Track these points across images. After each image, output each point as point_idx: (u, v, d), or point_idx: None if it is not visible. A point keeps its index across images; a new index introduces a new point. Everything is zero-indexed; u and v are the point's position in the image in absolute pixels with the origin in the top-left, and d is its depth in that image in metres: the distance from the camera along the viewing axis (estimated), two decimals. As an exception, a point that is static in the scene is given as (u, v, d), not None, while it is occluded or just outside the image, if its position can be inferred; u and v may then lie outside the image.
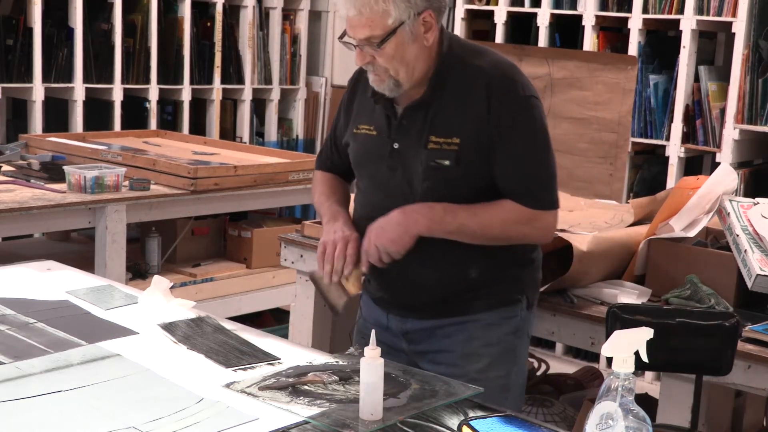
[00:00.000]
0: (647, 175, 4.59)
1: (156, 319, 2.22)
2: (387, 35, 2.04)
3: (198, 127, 5.71)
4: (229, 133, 5.86)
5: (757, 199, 2.81)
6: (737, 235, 2.64)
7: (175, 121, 5.61)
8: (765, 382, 2.36)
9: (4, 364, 1.89)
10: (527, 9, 4.81)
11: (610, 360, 1.37)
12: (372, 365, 1.66)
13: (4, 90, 4.89)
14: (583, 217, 3.10)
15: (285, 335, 3.35)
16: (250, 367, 1.94)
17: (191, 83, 5.59)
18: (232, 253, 4.61)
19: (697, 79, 4.36)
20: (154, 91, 5.43)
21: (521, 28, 4.89)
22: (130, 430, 1.61)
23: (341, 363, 1.96)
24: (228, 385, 1.83)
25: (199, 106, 5.73)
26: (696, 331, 2.35)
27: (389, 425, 1.66)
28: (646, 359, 1.41)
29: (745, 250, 2.59)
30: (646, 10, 4.42)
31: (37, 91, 4.94)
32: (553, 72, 3.62)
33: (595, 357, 4.52)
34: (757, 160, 4.50)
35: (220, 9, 5.65)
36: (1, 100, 5.02)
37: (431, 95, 2.14)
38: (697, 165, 4.58)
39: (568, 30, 4.73)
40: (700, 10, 4.28)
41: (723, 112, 4.27)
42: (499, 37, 4.85)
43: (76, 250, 4.44)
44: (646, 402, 2.76)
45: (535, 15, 4.76)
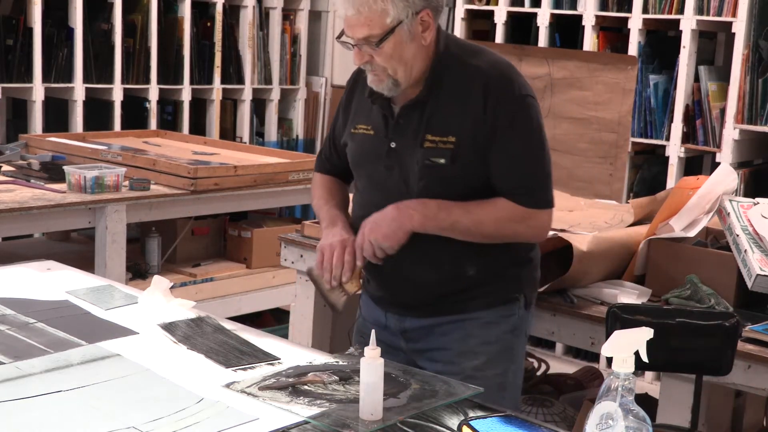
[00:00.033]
0: (647, 175, 4.59)
1: (156, 319, 2.22)
2: (385, 34, 2.05)
3: (198, 127, 5.71)
4: (229, 133, 5.86)
5: (757, 199, 2.81)
6: (737, 235, 2.64)
7: (175, 121, 5.61)
8: (765, 382, 2.36)
9: (4, 364, 1.89)
10: (527, 9, 4.81)
11: (610, 360, 1.37)
12: (372, 365, 1.66)
13: (4, 90, 4.90)
14: (583, 217, 3.10)
15: (285, 335, 3.35)
16: (250, 367, 1.94)
17: (191, 83, 5.59)
18: (232, 253, 4.61)
19: (697, 79, 4.36)
20: (154, 91, 5.43)
21: (521, 28, 4.89)
22: (130, 430, 1.61)
23: (341, 363, 1.96)
24: (228, 385, 1.83)
25: (199, 106, 5.73)
26: (696, 331, 2.35)
27: (389, 425, 1.66)
28: (646, 359, 1.41)
29: (745, 250, 2.59)
30: (646, 10, 4.42)
31: (37, 91, 4.95)
32: (553, 72, 3.62)
33: (595, 357, 4.52)
34: (757, 160, 4.50)
35: (220, 9, 5.65)
36: (1, 100, 5.02)
37: (428, 94, 2.14)
38: (697, 165, 4.58)
39: (568, 30, 4.73)
40: (700, 10, 4.28)
41: (723, 112, 4.27)
42: (499, 37, 4.85)
43: (76, 250, 4.44)
44: (646, 402, 2.76)
45: (535, 15, 4.76)
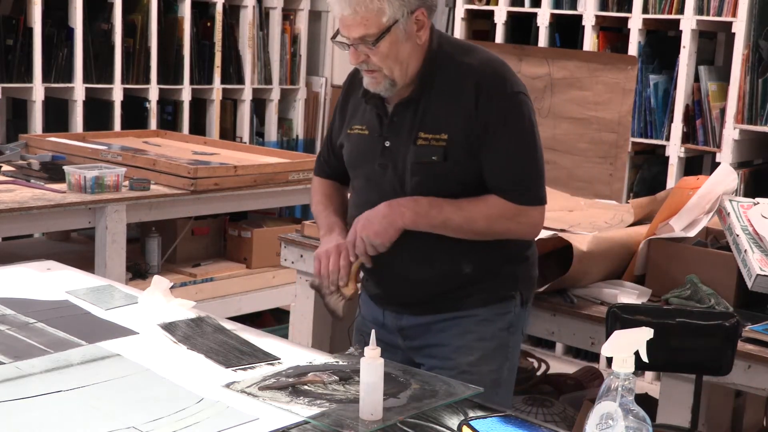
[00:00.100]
0: (647, 175, 4.59)
1: (156, 319, 2.22)
2: (382, 33, 2.06)
3: (198, 127, 5.71)
4: (229, 133, 5.86)
5: (757, 199, 2.81)
6: (737, 235, 2.64)
7: (175, 121, 5.62)
8: (765, 382, 2.36)
9: (4, 364, 1.89)
10: (527, 9, 4.81)
11: (610, 360, 1.37)
12: (372, 365, 1.66)
13: (4, 90, 4.90)
14: (583, 217, 3.11)
15: (285, 335, 3.35)
16: (250, 367, 1.94)
17: (191, 83, 5.59)
18: (232, 253, 4.61)
19: (697, 79, 4.36)
20: (154, 91, 5.43)
21: (521, 28, 4.89)
22: (130, 430, 1.61)
23: (341, 363, 1.96)
24: (228, 385, 1.83)
25: (199, 106, 5.73)
26: (696, 331, 2.35)
27: (389, 425, 1.66)
28: (646, 359, 1.41)
29: (745, 250, 2.59)
30: (646, 10, 4.42)
31: (37, 91, 4.95)
32: (553, 72, 3.62)
33: (595, 357, 4.52)
34: (757, 160, 4.50)
35: (220, 9, 5.65)
36: (1, 100, 5.02)
37: (421, 92, 2.16)
38: (697, 165, 4.58)
39: (568, 30, 4.73)
40: (700, 10, 4.28)
41: (723, 112, 4.27)
42: (499, 37, 4.85)
43: (76, 250, 4.44)
44: (646, 402, 2.76)
45: (535, 15, 4.76)
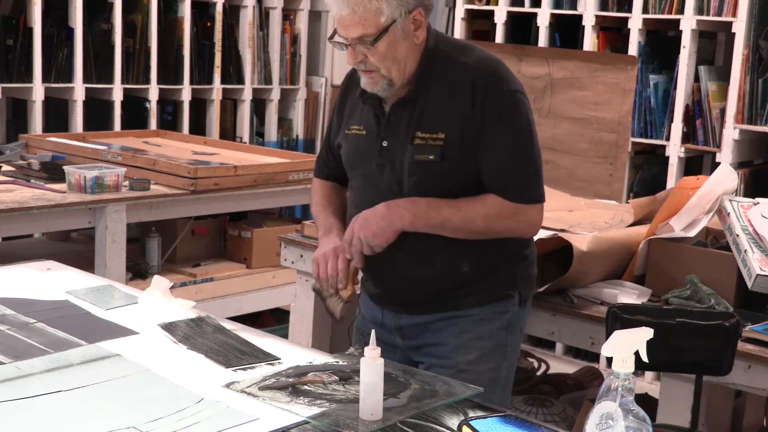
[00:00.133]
0: (647, 175, 4.59)
1: (156, 319, 2.22)
2: (380, 33, 2.06)
3: (198, 127, 5.71)
4: (229, 133, 5.86)
5: (757, 199, 2.81)
6: (737, 235, 2.64)
7: (175, 121, 5.61)
8: (765, 382, 2.36)
9: (4, 364, 1.89)
10: (527, 9, 4.81)
11: (610, 360, 1.37)
12: (372, 365, 1.66)
13: (4, 90, 4.90)
14: (583, 217, 3.11)
15: (285, 335, 3.35)
16: (250, 367, 1.94)
17: (191, 83, 5.59)
18: (232, 253, 4.61)
19: (697, 79, 4.36)
20: (154, 91, 5.43)
21: (521, 28, 4.89)
22: (130, 430, 1.61)
23: (341, 363, 1.96)
24: (228, 385, 1.83)
25: (199, 106, 5.73)
26: (696, 331, 2.35)
27: (389, 425, 1.66)
28: (646, 359, 1.41)
29: (745, 250, 2.59)
30: (646, 10, 4.42)
31: (37, 91, 4.95)
32: (553, 72, 3.62)
33: (595, 357, 4.52)
34: (757, 160, 4.50)
35: (220, 9, 5.65)
36: (1, 100, 5.02)
37: (417, 92, 2.16)
38: (697, 165, 4.58)
39: (568, 30, 4.73)
40: (700, 10, 4.28)
41: (723, 112, 4.27)
42: (499, 37, 4.85)
43: (76, 250, 4.44)
44: (646, 402, 2.76)
45: (535, 15, 4.76)
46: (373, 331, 1.72)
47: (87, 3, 5.06)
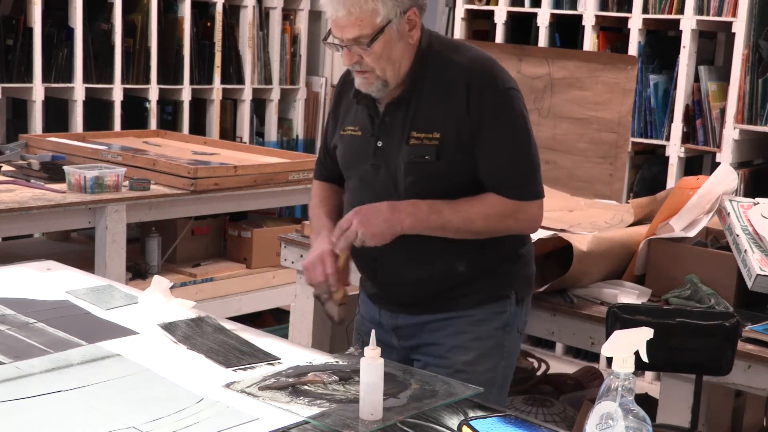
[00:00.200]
0: (647, 175, 4.59)
1: (156, 319, 2.22)
2: (376, 34, 2.06)
3: (198, 127, 5.71)
4: (229, 133, 5.86)
5: (757, 199, 2.81)
6: (737, 235, 2.64)
7: (175, 121, 5.61)
8: (765, 382, 2.36)
9: (4, 364, 1.89)
10: (527, 9, 4.81)
11: (610, 360, 1.37)
12: (372, 365, 1.66)
13: (4, 90, 4.89)
14: (583, 217, 3.11)
15: (285, 335, 3.35)
16: (250, 367, 1.94)
17: (191, 83, 5.59)
18: (232, 253, 4.62)
19: (697, 79, 4.36)
20: (154, 91, 5.43)
21: (521, 28, 4.89)
22: (130, 430, 1.61)
23: (341, 363, 1.96)
24: (228, 385, 1.83)
25: (199, 106, 5.73)
26: (696, 331, 2.35)
27: (389, 425, 1.66)
28: (646, 359, 1.41)
29: (745, 250, 2.59)
30: (646, 10, 4.42)
31: (37, 91, 4.95)
32: (553, 72, 3.62)
33: (595, 357, 4.52)
34: (757, 160, 4.50)
35: (220, 9, 5.65)
36: (1, 100, 5.02)
37: (411, 91, 2.16)
38: (697, 165, 4.58)
39: (568, 30, 4.73)
40: (700, 10, 4.28)
41: (723, 112, 4.27)
42: (499, 37, 4.85)
43: (76, 250, 4.44)
44: (646, 402, 2.76)
45: (535, 15, 4.76)
46: (373, 331, 1.72)
47: (87, 3, 5.06)
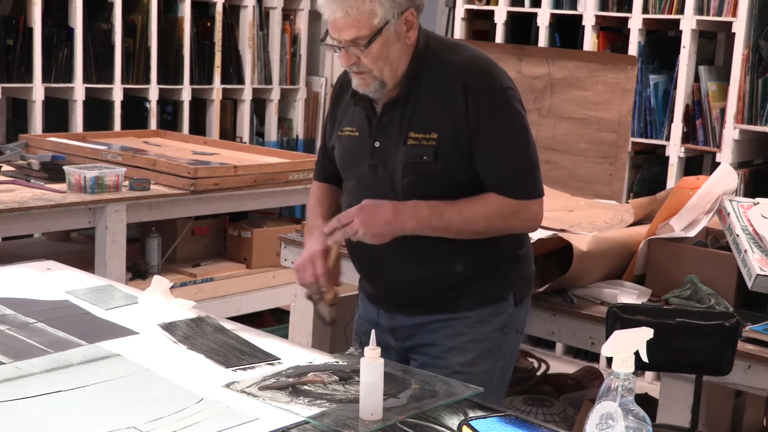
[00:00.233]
0: (647, 175, 4.59)
1: (156, 319, 2.22)
2: (373, 35, 2.06)
3: (198, 127, 5.71)
4: (229, 133, 5.86)
5: (757, 199, 2.81)
6: (737, 235, 2.64)
7: (175, 121, 5.61)
8: (765, 382, 2.36)
9: (4, 364, 1.89)
10: (527, 9, 4.81)
11: (610, 360, 1.37)
12: (372, 365, 1.66)
13: (4, 90, 4.89)
14: (583, 217, 3.11)
15: (285, 335, 3.36)
16: (250, 367, 1.94)
17: (191, 83, 5.59)
18: (232, 253, 4.62)
19: (697, 79, 4.36)
20: (154, 91, 5.43)
21: (521, 28, 4.89)
22: (130, 430, 1.61)
23: (341, 363, 1.96)
24: (228, 385, 1.83)
25: (199, 106, 5.73)
26: (696, 331, 2.35)
27: (389, 425, 1.66)
28: (646, 359, 1.41)
29: (745, 250, 2.59)
30: (646, 10, 4.42)
31: (37, 91, 4.94)
32: (553, 72, 3.62)
33: (595, 357, 4.52)
34: (757, 160, 4.50)
35: (220, 9, 5.65)
36: (1, 100, 5.02)
37: (409, 92, 2.16)
38: (697, 165, 4.58)
39: (568, 30, 4.73)
40: (700, 10, 4.28)
41: (723, 112, 4.27)
42: (499, 37, 4.85)
43: (76, 250, 4.44)
44: (646, 402, 2.76)
45: (535, 15, 4.76)
46: (373, 331, 1.72)
47: (87, 3, 5.06)
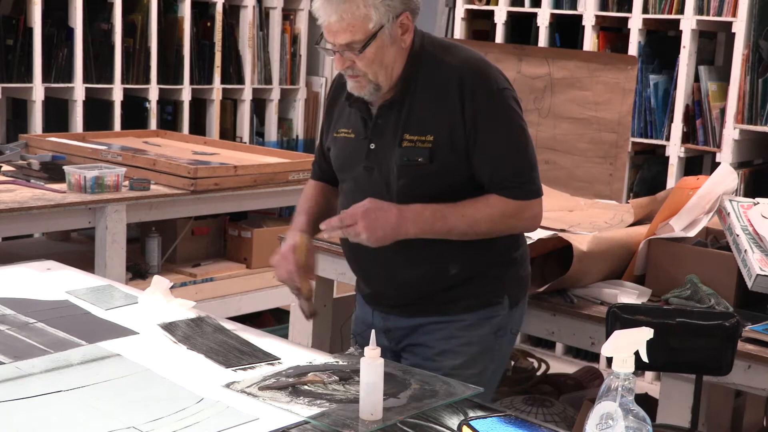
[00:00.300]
0: (647, 175, 4.59)
1: (156, 319, 2.22)
2: (368, 39, 2.06)
3: (198, 127, 5.71)
4: (229, 133, 5.86)
5: (757, 199, 2.81)
6: (737, 235, 2.64)
7: (175, 121, 5.61)
8: (765, 382, 2.36)
9: (4, 364, 1.89)
10: (527, 9, 4.81)
11: (610, 360, 1.37)
12: (372, 365, 1.66)
13: (4, 90, 4.90)
14: (583, 217, 3.11)
15: (285, 335, 3.36)
16: (250, 367, 1.94)
17: (191, 83, 5.59)
18: (232, 253, 4.62)
19: (697, 79, 4.36)
20: (154, 91, 5.43)
21: (521, 28, 4.89)
22: (130, 430, 1.61)
23: (341, 363, 1.96)
24: (228, 385, 1.83)
25: (199, 106, 5.73)
26: (696, 331, 2.35)
27: (389, 425, 1.66)
28: (646, 359, 1.41)
29: (745, 250, 2.59)
30: (646, 10, 4.42)
31: (37, 91, 4.95)
32: (553, 72, 3.62)
33: (595, 357, 4.52)
34: (757, 160, 4.50)
35: (220, 9, 5.65)
36: (1, 100, 5.02)
37: (404, 93, 2.15)
38: (697, 165, 4.58)
39: (568, 30, 4.73)
40: (700, 10, 4.28)
41: (723, 112, 4.27)
42: (499, 37, 4.85)
43: (76, 250, 4.44)
44: (646, 402, 2.76)
45: (535, 15, 4.76)
46: (372, 331, 1.72)
47: (87, 3, 5.06)
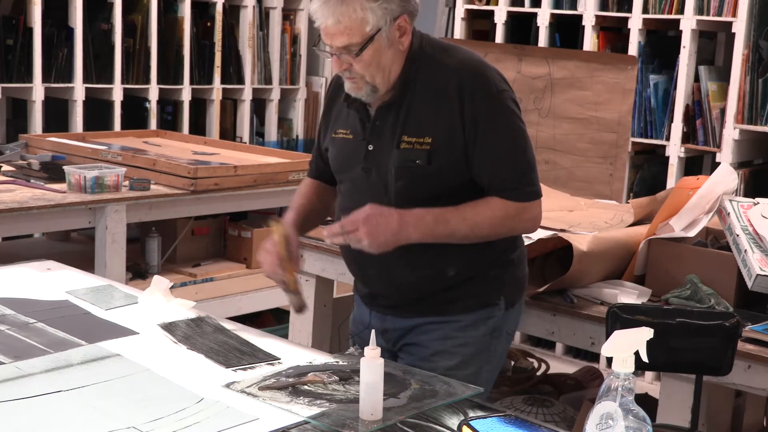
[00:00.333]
0: (647, 175, 4.60)
1: (156, 319, 2.22)
2: (365, 42, 2.06)
3: (198, 127, 5.71)
4: (229, 133, 5.86)
5: (757, 199, 2.81)
6: (737, 235, 2.64)
7: (175, 121, 5.61)
8: (765, 382, 2.36)
9: (4, 364, 1.89)
10: (527, 9, 4.81)
11: (610, 360, 1.37)
12: (372, 365, 1.66)
13: (4, 90, 4.89)
14: (583, 217, 3.11)
15: (285, 335, 3.36)
16: (250, 367, 1.94)
17: (191, 83, 5.59)
18: (232, 253, 4.62)
19: (697, 79, 4.36)
20: (154, 91, 5.42)
21: (521, 28, 4.89)
22: (130, 430, 1.61)
23: (341, 363, 1.97)
24: (228, 385, 1.83)
25: (199, 106, 5.73)
26: (696, 331, 2.35)
27: (389, 425, 1.66)
28: (646, 359, 1.41)
29: (745, 250, 2.59)
30: (646, 10, 4.42)
31: (37, 91, 4.94)
32: (553, 72, 3.62)
33: (595, 357, 4.52)
34: (757, 160, 4.50)
35: (220, 9, 5.65)
36: (1, 100, 5.02)
37: (403, 95, 2.15)
38: (697, 165, 4.58)
39: (568, 30, 4.73)
40: (700, 10, 4.28)
41: (723, 112, 4.27)
42: (499, 37, 4.85)
43: (76, 250, 4.44)
44: (646, 402, 2.76)
45: (535, 15, 4.76)
46: (373, 331, 1.72)
47: (87, 3, 5.06)
